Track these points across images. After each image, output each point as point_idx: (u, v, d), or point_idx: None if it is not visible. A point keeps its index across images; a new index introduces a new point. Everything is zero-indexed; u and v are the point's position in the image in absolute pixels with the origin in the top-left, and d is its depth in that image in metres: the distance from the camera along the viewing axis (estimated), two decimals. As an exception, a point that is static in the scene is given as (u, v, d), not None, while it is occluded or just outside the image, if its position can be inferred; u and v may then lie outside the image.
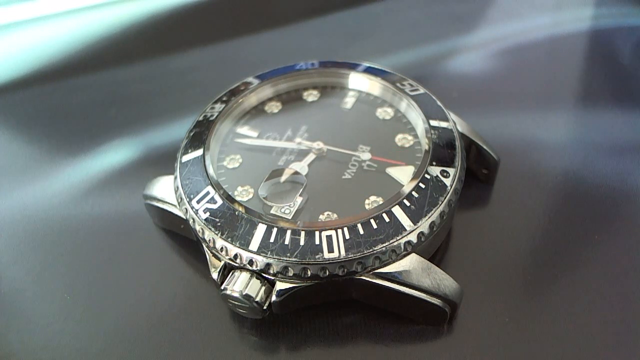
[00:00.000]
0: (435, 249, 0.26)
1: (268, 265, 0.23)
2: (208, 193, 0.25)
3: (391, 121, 0.30)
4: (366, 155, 0.27)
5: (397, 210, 0.24)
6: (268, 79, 0.32)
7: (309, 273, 0.23)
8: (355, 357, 0.24)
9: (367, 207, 0.25)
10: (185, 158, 0.27)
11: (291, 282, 0.23)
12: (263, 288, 0.23)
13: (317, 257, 0.22)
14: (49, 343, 0.25)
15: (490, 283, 0.26)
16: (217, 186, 0.26)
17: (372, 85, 0.31)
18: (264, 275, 0.23)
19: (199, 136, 0.28)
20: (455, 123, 0.28)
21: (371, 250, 0.23)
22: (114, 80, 0.41)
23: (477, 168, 0.31)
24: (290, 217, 0.25)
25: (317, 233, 0.23)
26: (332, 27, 0.46)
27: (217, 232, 0.24)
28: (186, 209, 0.25)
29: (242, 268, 0.23)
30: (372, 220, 0.23)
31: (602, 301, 0.26)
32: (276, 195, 0.26)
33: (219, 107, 0.30)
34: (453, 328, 0.25)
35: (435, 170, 0.25)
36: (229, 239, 0.23)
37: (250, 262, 0.23)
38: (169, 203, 0.27)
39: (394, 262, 0.23)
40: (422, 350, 0.24)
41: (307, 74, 0.32)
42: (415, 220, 0.24)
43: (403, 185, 0.25)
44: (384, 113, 0.30)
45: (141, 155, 0.35)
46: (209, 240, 0.24)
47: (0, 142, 0.37)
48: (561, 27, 0.44)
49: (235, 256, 0.23)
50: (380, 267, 0.23)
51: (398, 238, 0.23)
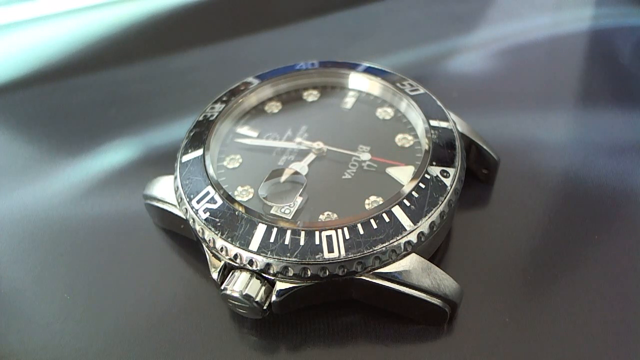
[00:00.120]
0: (435, 249, 0.26)
1: (268, 265, 0.23)
2: (208, 193, 0.25)
3: (391, 121, 0.30)
4: (366, 156, 0.27)
5: (397, 210, 0.24)
6: (268, 79, 0.32)
7: (309, 273, 0.23)
8: (355, 357, 0.24)
9: (367, 207, 0.25)
10: (185, 158, 0.27)
11: (291, 282, 0.23)
12: (263, 288, 0.23)
13: (317, 257, 0.22)
14: (49, 343, 0.25)
15: (490, 283, 0.26)
16: (217, 186, 0.26)
17: (372, 85, 0.31)
18: (264, 275, 0.23)
19: (199, 136, 0.28)
20: (455, 123, 0.28)
21: (371, 250, 0.23)
22: (114, 80, 0.41)
23: (477, 168, 0.31)
24: (290, 217, 0.25)
25: (317, 233, 0.23)
26: (332, 27, 0.46)
27: (217, 232, 0.24)
28: (186, 209, 0.25)
29: (242, 268, 0.23)
30: (372, 220, 0.23)
31: (602, 301, 0.25)
32: (276, 195, 0.26)
33: (219, 107, 0.30)
34: (453, 328, 0.25)
35: (435, 170, 0.25)
36: (229, 239, 0.23)
37: (250, 262, 0.23)
38: (169, 203, 0.27)
39: (394, 262, 0.23)
40: (422, 350, 0.24)
41: (307, 74, 0.32)
42: (415, 220, 0.24)
43: (403, 185, 0.25)
44: (384, 113, 0.30)
45: (141, 155, 0.35)
46: (209, 240, 0.24)
47: (0, 142, 0.37)
48: (561, 27, 0.44)
49: (235, 256, 0.23)
50: (380, 267, 0.23)
51: (398, 238, 0.23)
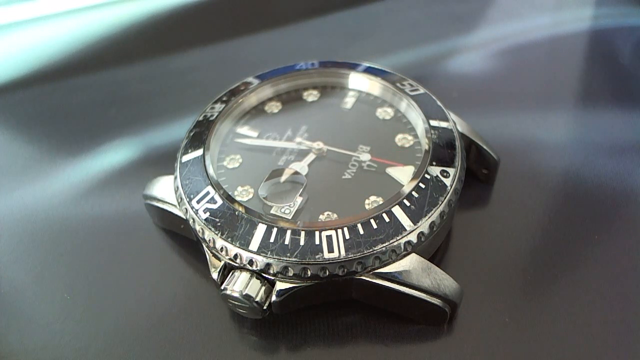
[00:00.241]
0: (435, 249, 0.26)
1: (268, 265, 0.23)
2: (208, 193, 0.25)
3: (391, 121, 0.30)
4: (366, 156, 0.27)
5: (397, 210, 0.24)
6: (268, 79, 0.32)
7: (309, 273, 0.23)
8: (355, 357, 0.24)
9: (367, 207, 0.25)
10: (185, 158, 0.27)
11: (291, 282, 0.23)
12: (263, 288, 0.23)
13: (317, 257, 0.22)
14: (49, 343, 0.25)
15: (490, 283, 0.26)
16: (217, 186, 0.26)
17: (372, 85, 0.31)
18: (264, 275, 0.23)
19: (199, 136, 0.28)
20: (455, 123, 0.28)
21: (371, 250, 0.23)
22: (114, 80, 0.41)
23: (477, 168, 0.31)
24: (290, 217, 0.25)
25: (317, 233, 0.23)
26: (332, 27, 0.46)
27: (217, 232, 0.24)
28: (186, 209, 0.25)
29: (242, 268, 0.23)
30: (372, 220, 0.23)
31: (602, 301, 0.25)
32: (276, 195, 0.26)
33: (219, 107, 0.30)
34: (453, 328, 0.25)
35: (435, 170, 0.25)
36: (229, 239, 0.23)
37: (250, 262, 0.23)
38: (169, 203, 0.27)
39: (394, 262, 0.23)
40: (422, 350, 0.24)
41: (307, 74, 0.32)
42: (415, 220, 0.24)
43: (403, 185, 0.25)
44: (384, 113, 0.30)
45: (141, 155, 0.35)
46: (209, 240, 0.24)
47: (0, 142, 0.37)
48: (561, 27, 0.44)
49: (235, 256, 0.23)
50: (380, 267, 0.23)
51: (398, 238, 0.23)
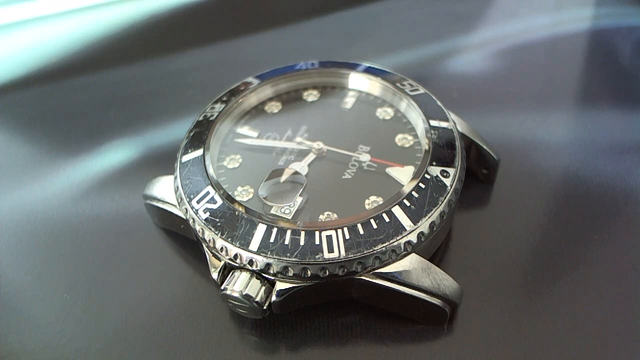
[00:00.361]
0: (435, 249, 0.26)
1: (268, 265, 0.23)
2: (208, 193, 0.25)
3: (391, 121, 0.30)
4: (366, 157, 0.27)
5: (397, 210, 0.24)
6: (268, 79, 0.32)
7: (309, 273, 0.23)
8: (355, 357, 0.24)
9: (367, 207, 0.25)
10: (185, 158, 0.27)
11: (291, 282, 0.23)
12: (263, 288, 0.23)
13: (317, 257, 0.22)
14: (49, 343, 0.25)
15: (490, 283, 0.26)
16: (217, 186, 0.26)
17: (372, 85, 0.31)
18: (264, 275, 0.23)
19: (199, 136, 0.28)
20: (455, 123, 0.28)
21: (371, 250, 0.23)
22: (114, 80, 0.41)
23: (477, 168, 0.31)
24: (290, 217, 0.25)
25: (317, 233, 0.23)
26: (332, 27, 0.46)
27: (217, 232, 0.24)
28: (186, 209, 0.25)
29: (242, 268, 0.23)
30: (372, 220, 0.23)
31: (602, 301, 0.25)
32: (276, 195, 0.26)
33: (219, 107, 0.30)
34: (453, 328, 0.25)
35: (435, 170, 0.25)
36: (229, 239, 0.23)
37: (250, 262, 0.23)
38: (169, 203, 0.27)
39: (394, 262, 0.23)
40: (422, 350, 0.24)
41: (307, 74, 0.32)
42: (415, 220, 0.24)
43: (403, 185, 0.25)
44: (384, 113, 0.30)
45: (141, 155, 0.35)
46: (209, 240, 0.24)
47: (0, 142, 0.37)
48: (561, 27, 0.44)
49: (235, 256, 0.23)
50: (380, 267, 0.23)
51: (398, 238, 0.23)
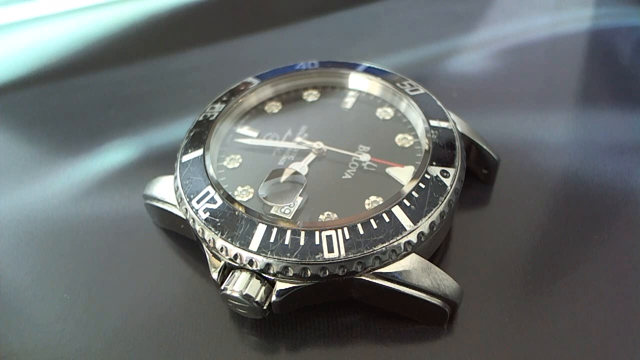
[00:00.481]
0: (435, 249, 0.26)
1: (268, 265, 0.23)
2: (208, 193, 0.25)
3: (391, 121, 0.30)
4: (366, 157, 0.27)
5: (397, 210, 0.24)
6: (268, 79, 0.32)
7: (309, 273, 0.23)
8: (355, 357, 0.24)
9: (367, 207, 0.25)
10: (185, 158, 0.27)
11: (291, 282, 0.23)
12: (263, 288, 0.23)
13: (317, 257, 0.22)
14: (49, 343, 0.25)
15: (490, 283, 0.26)
16: (217, 186, 0.26)
17: (372, 85, 0.31)
18: (264, 275, 0.23)
19: (199, 136, 0.28)
20: (455, 123, 0.28)
21: (371, 250, 0.23)
22: (114, 80, 0.41)
23: (477, 168, 0.31)
24: (290, 217, 0.25)
25: (317, 233, 0.23)
26: (332, 27, 0.46)
27: (217, 232, 0.24)
28: (186, 209, 0.25)
29: (242, 268, 0.23)
30: (372, 220, 0.23)
31: (602, 301, 0.25)
32: (276, 195, 0.26)
33: (219, 107, 0.30)
34: (453, 328, 0.25)
35: (435, 170, 0.25)
36: (229, 239, 0.23)
37: (250, 262, 0.23)
38: (169, 203, 0.27)
39: (394, 262, 0.23)
40: (422, 350, 0.24)
41: (307, 74, 0.32)
42: (415, 220, 0.24)
43: (403, 185, 0.25)
44: (384, 113, 0.30)
45: (141, 155, 0.35)
46: (209, 240, 0.24)
47: (0, 142, 0.37)
48: (561, 27, 0.44)
49: (235, 256, 0.23)
50: (380, 267, 0.23)
51: (398, 238, 0.23)
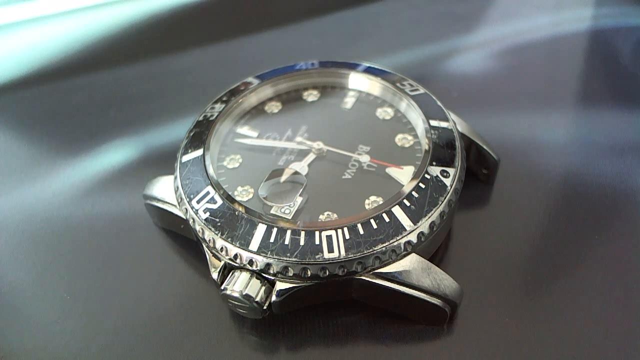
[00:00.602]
0: (435, 249, 0.26)
1: (268, 265, 0.23)
2: (208, 193, 0.25)
3: (391, 121, 0.30)
4: (366, 157, 0.27)
5: (397, 210, 0.24)
6: (268, 79, 0.32)
7: (309, 273, 0.23)
8: (355, 357, 0.24)
9: (367, 207, 0.25)
10: (185, 158, 0.27)
11: (291, 282, 0.23)
12: (263, 288, 0.23)
13: (317, 257, 0.22)
14: (49, 343, 0.25)
15: (490, 283, 0.26)
16: (217, 186, 0.26)
17: (372, 85, 0.31)
18: (264, 275, 0.23)
19: (199, 136, 0.28)
20: (455, 123, 0.28)
21: (371, 250, 0.23)
22: (114, 80, 0.41)
23: (477, 168, 0.31)
24: (290, 217, 0.25)
25: (317, 233, 0.23)
26: (332, 27, 0.46)
27: (217, 232, 0.24)
28: (186, 209, 0.25)
29: (242, 268, 0.23)
30: (372, 220, 0.23)
31: (602, 301, 0.26)
32: (276, 195, 0.26)
33: (219, 107, 0.30)
34: (453, 328, 0.25)
35: (435, 170, 0.25)
36: (229, 239, 0.23)
37: (250, 262, 0.23)
38: (169, 203, 0.27)
39: (394, 262, 0.23)
40: (422, 350, 0.24)
41: (307, 74, 0.32)
42: (415, 220, 0.24)
43: (403, 185, 0.25)
44: (384, 113, 0.30)
45: (141, 155, 0.35)
46: (209, 240, 0.24)
47: (0, 142, 0.37)
48: (561, 27, 0.44)
49: (235, 256, 0.23)
50: (380, 267, 0.23)
51: (398, 238, 0.23)
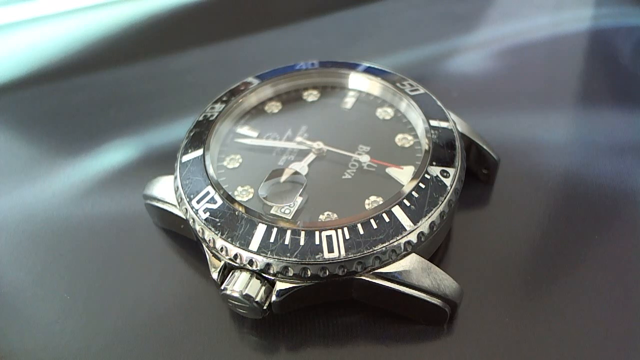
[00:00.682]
0: (435, 249, 0.26)
1: (268, 265, 0.23)
2: (208, 193, 0.25)
3: (391, 121, 0.30)
4: (365, 158, 0.27)
5: (397, 210, 0.24)
6: (268, 79, 0.32)
7: (309, 273, 0.23)
8: (355, 357, 0.24)
9: (367, 207, 0.25)
10: (185, 158, 0.27)
11: (291, 282, 0.23)
12: (263, 288, 0.23)
13: (317, 257, 0.22)
14: (49, 343, 0.25)
15: (490, 283, 0.26)
16: (217, 186, 0.26)
17: (372, 85, 0.31)
18: (264, 275, 0.23)
19: (199, 136, 0.28)
20: (455, 123, 0.28)
21: (371, 250, 0.23)
22: (114, 80, 0.41)
23: (477, 168, 0.31)
24: (290, 217, 0.25)
25: (317, 233, 0.23)
26: (332, 27, 0.46)
27: (217, 232, 0.24)
28: (186, 209, 0.25)
29: (242, 268, 0.23)
30: (372, 220, 0.23)
31: (602, 301, 0.26)
32: (276, 195, 0.26)
33: (219, 107, 0.30)
34: (453, 328, 0.25)
35: (435, 170, 0.25)
36: (229, 239, 0.23)
37: (250, 262, 0.23)
38: (169, 203, 0.27)
39: (394, 262, 0.23)
40: (422, 350, 0.24)
41: (307, 74, 0.32)
42: (415, 220, 0.24)
43: (403, 185, 0.25)
44: (384, 113, 0.30)
45: (141, 155, 0.35)
46: (209, 240, 0.24)
47: (0, 142, 0.37)
48: (561, 27, 0.44)
49: (235, 256, 0.23)
50: (380, 267, 0.23)
51: (398, 238, 0.23)
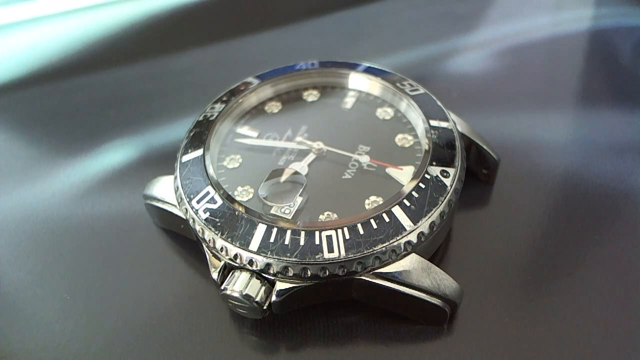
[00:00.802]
0: (435, 249, 0.26)
1: (268, 265, 0.23)
2: (208, 193, 0.25)
3: (391, 121, 0.30)
4: (365, 158, 0.27)
5: (397, 210, 0.24)
6: (268, 79, 0.32)
7: (309, 273, 0.23)
8: (355, 357, 0.24)
9: (367, 207, 0.25)
10: (185, 158, 0.27)
11: (291, 282, 0.23)
12: (263, 288, 0.23)
13: (317, 257, 0.22)
14: (49, 343, 0.25)
15: (490, 283, 0.26)
16: (217, 186, 0.26)
17: (372, 85, 0.31)
18: (264, 275, 0.23)
19: (199, 136, 0.28)
20: (455, 123, 0.28)
21: (371, 250, 0.23)
22: (114, 80, 0.41)
23: (477, 168, 0.31)
24: (290, 217, 0.25)
25: (317, 233, 0.23)
26: (332, 27, 0.46)
27: (217, 232, 0.24)
28: (186, 209, 0.25)
29: (242, 268, 0.23)
30: (372, 220, 0.23)
31: (602, 301, 0.26)
32: (276, 195, 0.26)
33: (219, 107, 0.30)
34: (453, 328, 0.25)
35: (435, 170, 0.25)
36: (229, 239, 0.23)
37: (250, 262, 0.23)
38: (169, 203, 0.27)
39: (394, 262, 0.23)
40: (422, 350, 0.24)
41: (307, 74, 0.32)
42: (415, 220, 0.24)
43: (403, 185, 0.25)
44: (384, 113, 0.30)
45: (141, 155, 0.35)
46: (209, 240, 0.24)
47: (0, 142, 0.37)
48: (561, 27, 0.44)
49: (235, 256, 0.23)
50: (380, 267, 0.23)
51: (398, 238, 0.23)
